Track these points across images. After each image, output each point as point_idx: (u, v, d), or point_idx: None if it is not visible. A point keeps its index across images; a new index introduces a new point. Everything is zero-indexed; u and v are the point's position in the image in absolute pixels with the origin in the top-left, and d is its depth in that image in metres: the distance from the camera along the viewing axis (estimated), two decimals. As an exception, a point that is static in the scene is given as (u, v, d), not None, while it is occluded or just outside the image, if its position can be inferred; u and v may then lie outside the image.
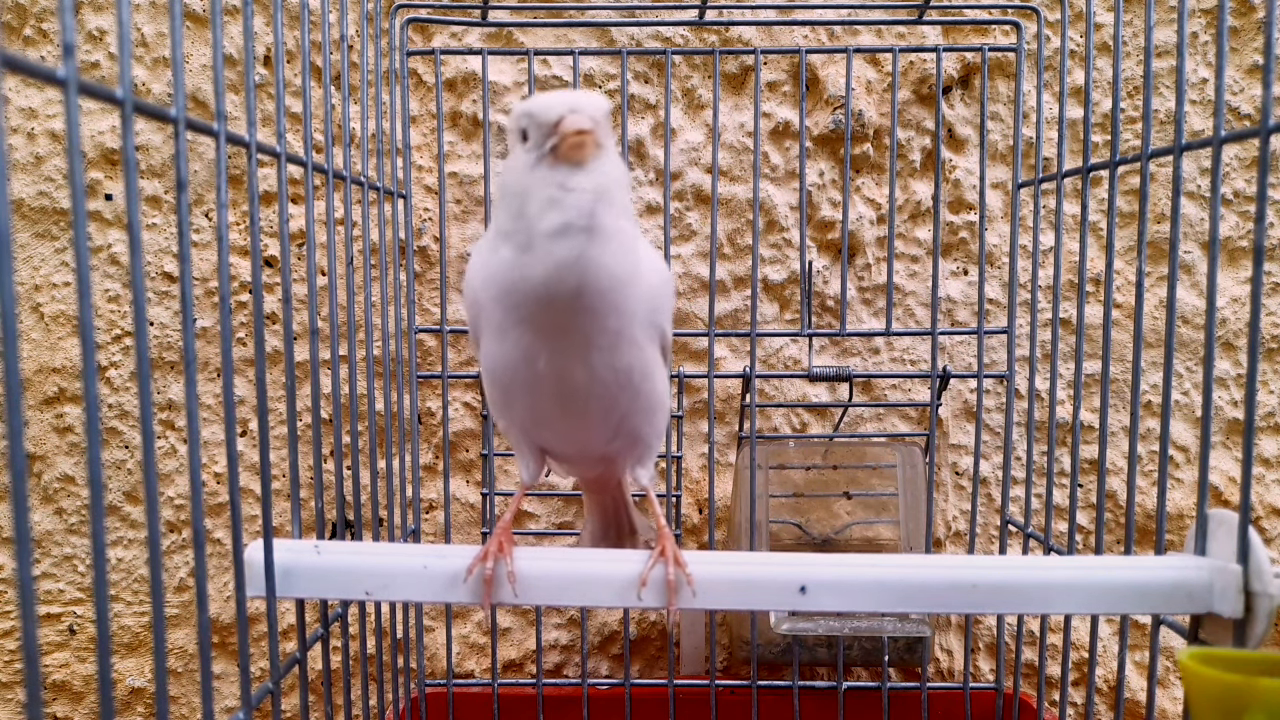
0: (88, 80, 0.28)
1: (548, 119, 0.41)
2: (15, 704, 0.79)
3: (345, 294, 0.55)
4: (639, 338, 0.45)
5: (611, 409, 0.47)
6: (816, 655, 0.72)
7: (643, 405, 0.47)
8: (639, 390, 0.47)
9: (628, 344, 0.45)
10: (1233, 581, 0.43)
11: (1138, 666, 0.80)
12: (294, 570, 0.46)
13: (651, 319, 0.46)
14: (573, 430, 0.49)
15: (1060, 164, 0.61)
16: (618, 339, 0.44)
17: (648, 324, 0.46)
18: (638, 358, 0.46)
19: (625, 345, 0.45)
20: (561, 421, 0.48)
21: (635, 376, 0.46)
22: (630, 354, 0.45)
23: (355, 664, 0.77)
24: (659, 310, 0.46)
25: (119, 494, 0.77)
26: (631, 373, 0.46)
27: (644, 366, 0.46)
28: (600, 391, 0.46)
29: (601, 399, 0.46)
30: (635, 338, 0.45)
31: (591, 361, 0.45)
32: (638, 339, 0.45)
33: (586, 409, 0.46)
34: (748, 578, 0.46)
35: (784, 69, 0.76)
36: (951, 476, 0.80)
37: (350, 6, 0.64)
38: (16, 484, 0.25)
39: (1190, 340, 0.77)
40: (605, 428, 0.48)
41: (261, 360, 0.42)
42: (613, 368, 0.45)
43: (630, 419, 0.48)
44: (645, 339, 0.46)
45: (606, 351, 0.44)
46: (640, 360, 0.46)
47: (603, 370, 0.45)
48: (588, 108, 0.42)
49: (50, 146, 0.73)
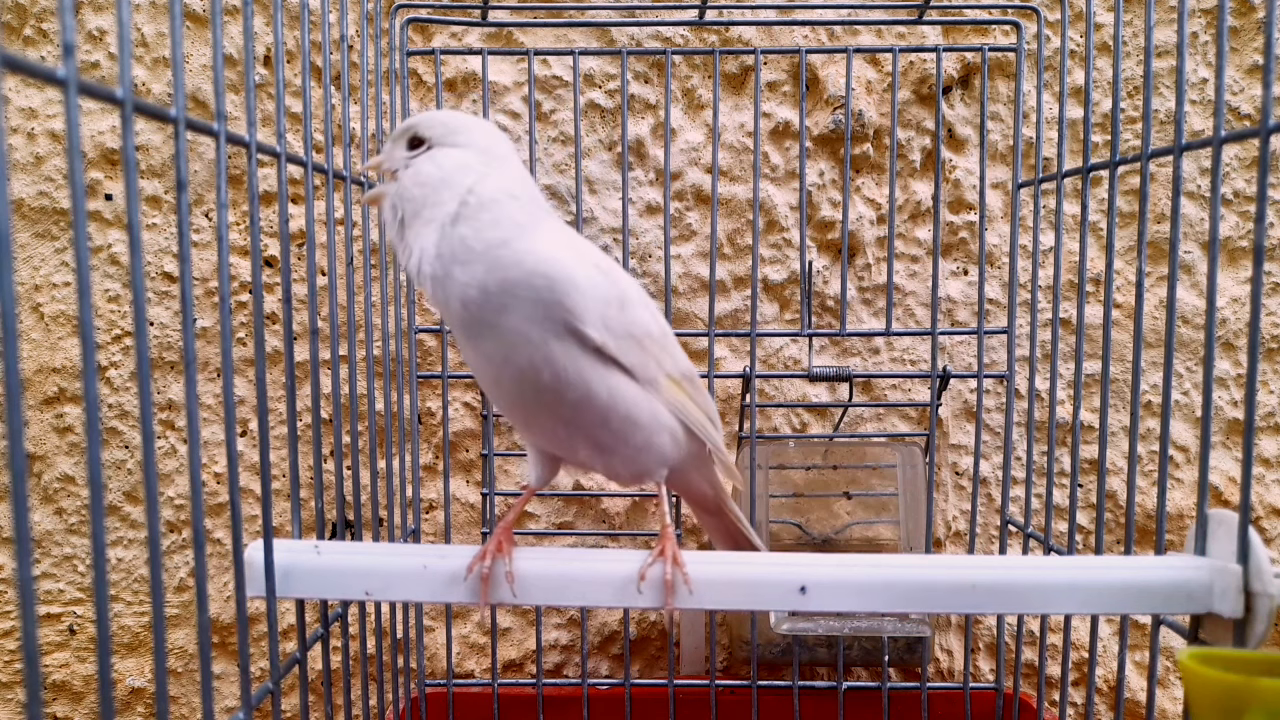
0: (88, 80, 0.28)
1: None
2: (15, 704, 0.79)
3: (345, 294, 0.55)
4: (528, 333, 0.43)
5: (545, 409, 0.45)
6: (816, 655, 0.72)
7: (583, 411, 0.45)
8: (562, 394, 0.44)
9: (520, 342, 0.43)
10: (1233, 581, 0.43)
11: (1138, 666, 0.80)
12: (294, 570, 0.46)
13: (538, 312, 0.43)
14: (535, 428, 0.48)
15: (1060, 164, 0.61)
16: (501, 337, 0.44)
17: (537, 319, 0.43)
18: (538, 355, 0.43)
19: (516, 343, 0.43)
20: (518, 420, 0.48)
21: (544, 376, 0.44)
22: (525, 352, 0.43)
23: (355, 664, 0.77)
24: (538, 302, 0.43)
25: (119, 494, 0.77)
26: (540, 373, 0.44)
27: (554, 365, 0.44)
28: (523, 394, 0.45)
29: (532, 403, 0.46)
30: (524, 333, 0.43)
31: (497, 359, 0.45)
32: (527, 335, 0.43)
33: (521, 404, 0.46)
34: (748, 578, 0.46)
35: (784, 69, 0.76)
36: (951, 476, 0.80)
37: (350, 6, 0.64)
38: (16, 484, 0.25)
39: (1190, 340, 0.77)
40: (557, 428, 0.47)
41: (261, 360, 0.42)
42: (515, 366, 0.44)
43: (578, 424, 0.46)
44: (544, 334, 0.43)
45: (498, 348, 0.44)
46: (542, 357, 0.43)
47: (507, 371, 0.44)
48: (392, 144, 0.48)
49: (50, 146, 0.73)
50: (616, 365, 0.45)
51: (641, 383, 0.46)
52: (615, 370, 0.45)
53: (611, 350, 0.44)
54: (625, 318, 0.45)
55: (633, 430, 0.46)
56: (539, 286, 0.43)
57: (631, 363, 0.45)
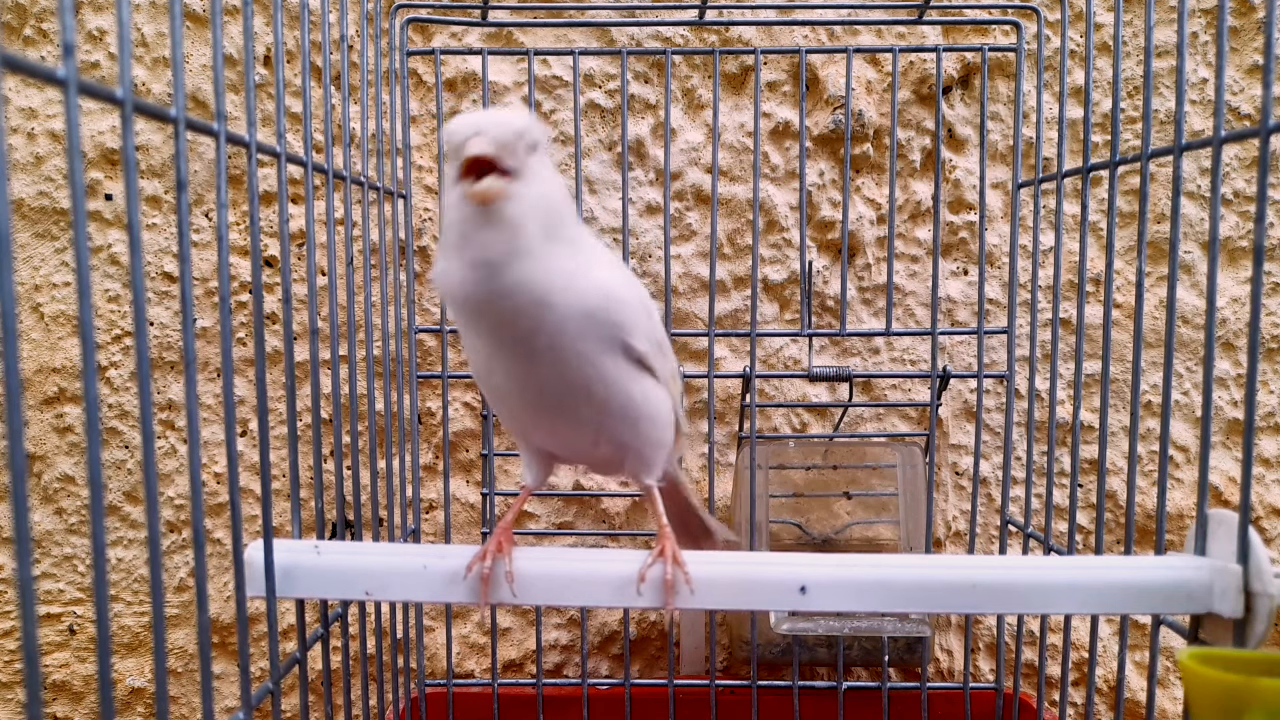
0: (88, 80, 0.28)
1: (456, 141, 0.42)
2: (15, 704, 0.79)
3: (345, 294, 0.55)
4: (587, 352, 0.44)
5: (583, 418, 0.46)
6: (816, 655, 0.72)
7: (616, 416, 0.46)
8: (607, 403, 0.45)
9: (574, 359, 0.44)
10: (1233, 581, 0.43)
11: (1138, 666, 0.80)
12: (294, 570, 0.46)
13: (606, 334, 0.44)
14: (555, 434, 0.48)
15: (1060, 164, 0.61)
16: (561, 354, 0.44)
17: (599, 339, 0.44)
18: (592, 372, 0.44)
19: (570, 361, 0.44)
20: (540, 425, 0.48)
21: (596, 389, 0.45)
22: (579, 369, 0.44)
23: (355, 664, 0.77)
24: (611, 321, 0.44)
25: (119, 494, 0.77)
26: (589, 385, 0.45)
27: (605, 379, 0.45)
28: (559, 402, 0.45)
29: (566, 408, 0.46)
30: (582, 352, 0.44)
31: (541, 375, 0.44)
32: (585, 354, 0.44)
33: (557, 415, 0.46)
34: (748, 578, 0.46)
35: (784, 69, 0.76)
36: (951, 476, 0.80)
37: (350, 6, 0.64)
38: (16, 484, 0.25)
39: (1190, 340, 0.77)
40: (584, 433, 0.47)
41: (261, 360, 0.42)
42: (563, 380, 0.44)
43: (607, 428, 0.47)
44: (598, 352, 0.44)
45: (552, 365, 0.44)
46: (598, 374, 0.44)
47: (553, 383, 0.44)
48: (492, 129, 0.41)
49: (50, 146, 0.73)
50: (649, 371, 0.47)
51: (662, 383, 0.49)
52: (647, 375, 0.47)
53: (650, 360, 0.47)
54: (653, 326, 0.48)
55: (653, 427, 0.49)
56: (607, 311, 0.44)
57: (658, 367, 0.47)
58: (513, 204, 0.41)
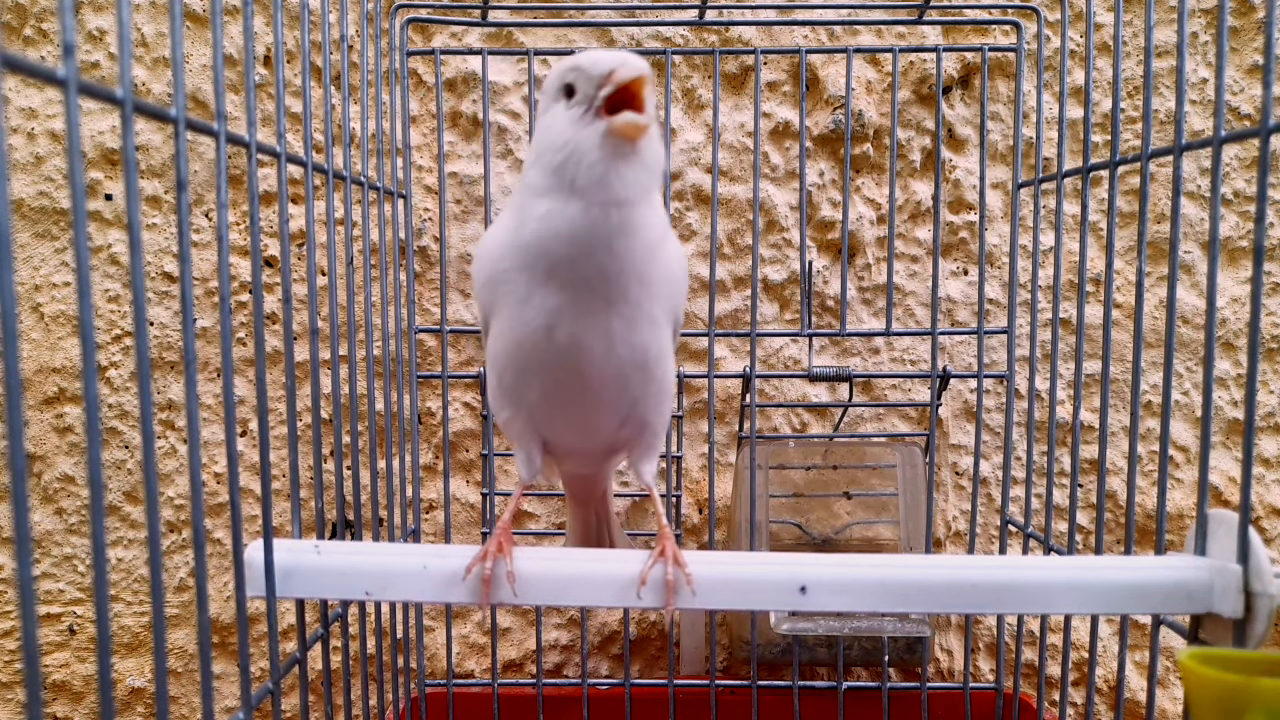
0: (88, 80, 0.28)
1: (598, 71, 0.41)
2: (15, 704, 0.79)
3: (345, 294, 0.55)
4: (657, 314, 0.46)
5: (624, 389, 0.47)
6: (816, 655, 0.72)
7: (654, 389, 0.48)
8: (652, 372, 0.47)
9: (646, 319, 0.45)
10: (1233, 581, 0.43)
11: (1138, 666, 0.80)
12: (294, 570, 0.45)
13: (670, 296, 0.46)
14: (584, 413, 0.48)
15: (1060, 164, 0.61)
16: (638, 311, 0.45)
17: (666, 301, 0.46)
18: (654, 336, 0.46)
19: (644, 320, 0.45)
20: (574, 404, 0.47)
21: (650, 355, 0.46)
22: (647, 331, 0.45)
23: (355, 664, 0.77)
24: (675, 291, 0.47)
25: (119, 494, 0.77)
26: (648, 350, 0.46)
27: (659, 346, 0.46)
28: (615, 368, 0.46)
29: (616, 376, 0.46)
30: (653, 314, 0.45)
31: (611, 331, 0.44)
32: (655, 315, 0.46)
33: (601, 388, 0.46)
34: (748, 578, 0.46)
35: (784, 69, 0.76)
36: (951, 476, 0.80)
37: (350, 6, 0.64)
38: (16, 484, 0.25)
39: (1190, 340, 0.77)
40: (617, 411, 0.48)
41: (261, 360, 0.42)
42: (629, 342, 0.45)
43: (641, 403, 0.48)
44: (662, 318, 0.46)
45: (626, 322, 0.45)
46: (656, 340, 0.46)
47: (620, 344, 0.45)
48: (637, 62, 0.42)
49: (50, 146, 0.73)
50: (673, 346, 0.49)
51: None
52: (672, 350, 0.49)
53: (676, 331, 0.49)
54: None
55: (669, 410, 0.51)
56: (677, 274, 0.47)
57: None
58: (650, 145, 0.42)
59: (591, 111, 0.42)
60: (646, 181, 0.43)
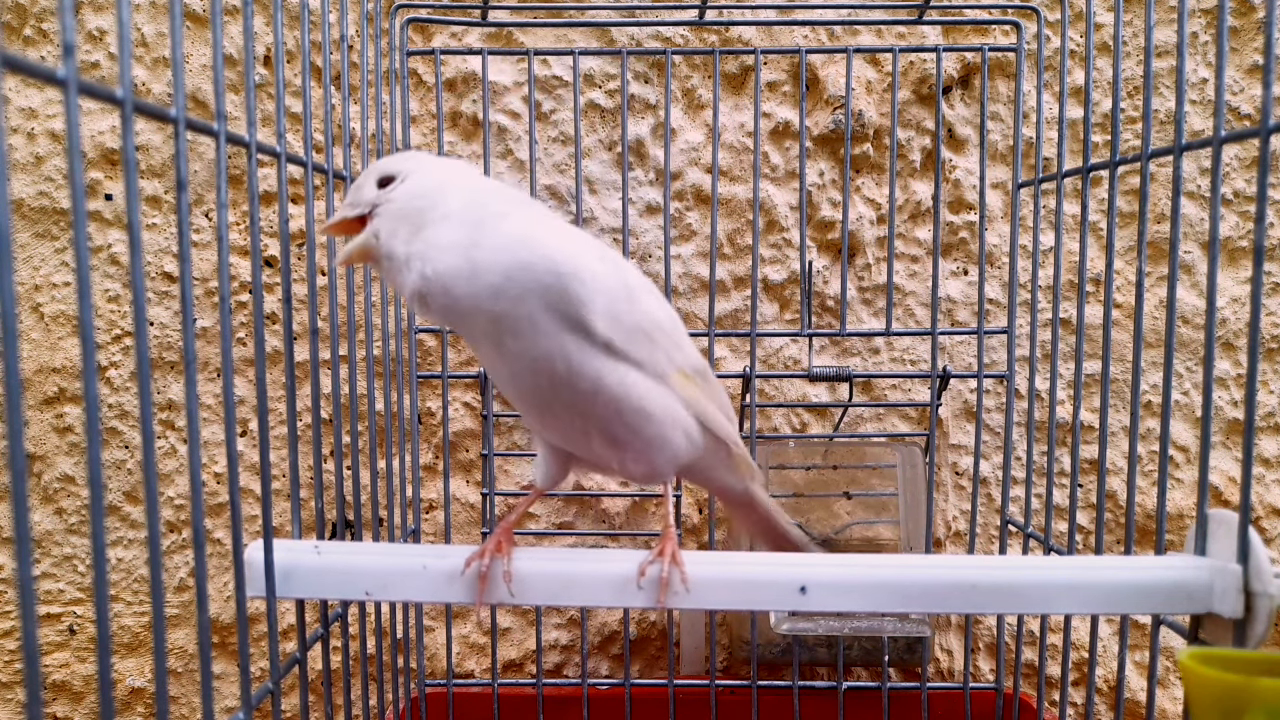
0: (88, 80, 0.28)
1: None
2: (15, 704, 0.79)
3: (345, 294, 0.55)
4: (539, 325, 0.43)
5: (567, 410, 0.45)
6: (816, 655, 0.72)
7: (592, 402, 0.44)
8: (576, 386, 0.44)
9: (530, 334, 0.43)
10: (1233, 581, 0.43)
11: (1138, 666, 0.80)
12: (294, 570, 0.46)
13: (553, 306, 0.43)
14: (561, 428, 0.48)
15: (1060, 164, 0.61)
16: (516, 334, 0.43)
17: (542, 311, 0.43)
18: (553, 346, 0.43)
19: (526, 337, 0.43)
20: (550, 427, 0.48)
21: (559, 369, 0.43)
22: (539, 344, 0.43)
23: (355, 664, 0.77)
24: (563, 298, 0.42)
25: (119, 494, 0.77)
26: (553, 364, 0.43)
27: (566, 357, 0.43)
28: (541, 392, 0.45)
29: (548, 400, 0.45)
30: (538, 326, 0.43)
31: (510, 359, 0.44)
32: (540, 327, 0.43)
33: (551, 403, 0.45)
34: (748, 578, 0.46)
35: (784, 69, 0.76)
36: (951, 476, 0.80)
37: (350, 6, 0.64)
38: (16, 484, 0.25)
39: (1190, 340, 0.77)
40: (577, 428, 0.46)
41: (261, 360, 0.42)
42: (530, 368, 0.44)
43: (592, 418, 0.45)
44: (552, 328, 0.43)
45: (512, 345, 0.44)
46: (557, 349, 0.43)
47: (521, 368, 0.44)
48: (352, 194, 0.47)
49: (50, 146, 0.73)
50: (626, 359, 0.44)
51: (653, 378, 0.46)
52: (625, 363, 0.45)
53: (619, 345, 0.44)
54: (635, 310, 0.45)
55: (645, 423, 0.46)
56: (549, 281, 0.42)
57: (641, 357, 0.45)
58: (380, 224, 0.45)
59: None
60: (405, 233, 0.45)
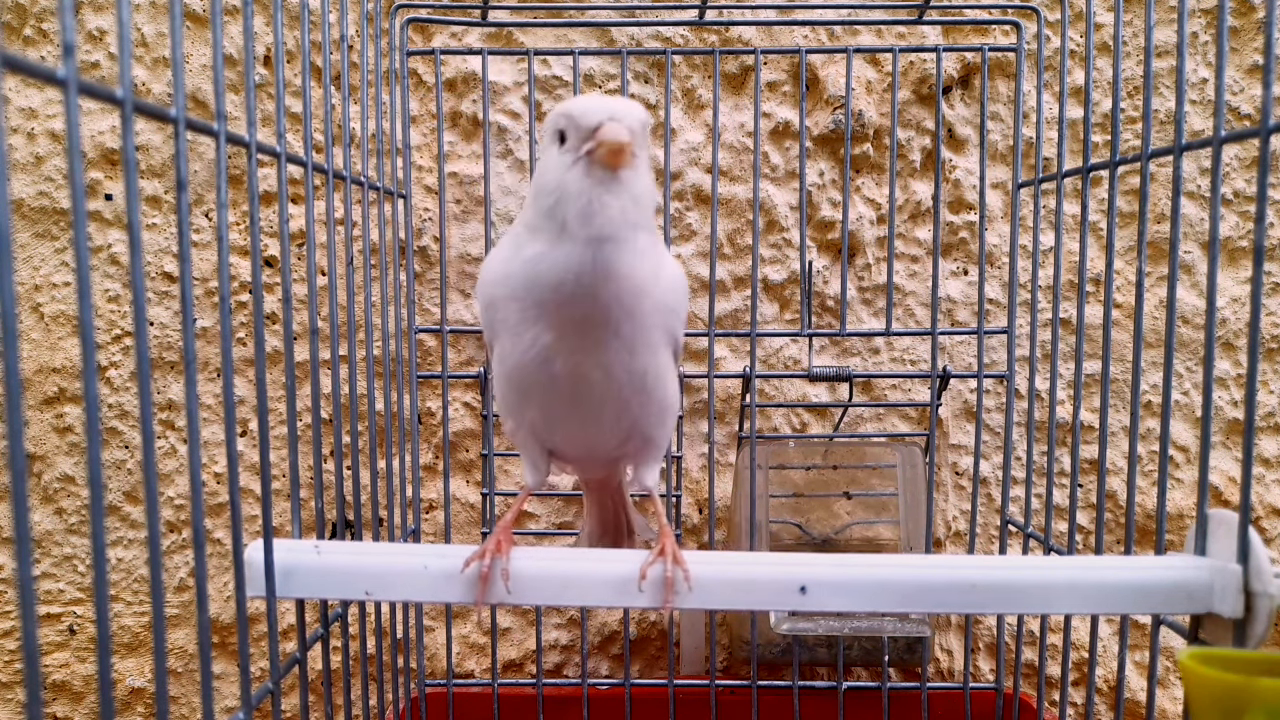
0: (88, 80, 0.28)
1: (586, 124, 0.42)
2: (15, 704, 0.79)
3: (345, 294, 0.55)
4: (654, 342, 0.46)
5: (624, 412, 0.47)
6: (816, 655, 0.72)
7: (655, 409, 0.48)
8: (652, 394, 0.47)
9: (643, 348, 0.46)
10: (1233, 581, 0.43)
11: (1138, 666, 0.80)
12: (294, 570, 0.45)
13: (666, 325, 0.46)
14: (586, 433, 0.49)
15: (1060, 164, 0.61)
16: (633, 343, 0.45)
17: (663, 329, 0.46)
18: (651, 361, 0.46)
19: (641, 349, 0.45)
20: (575, 424, 0.48)
21: (649, 380, 0.46)
22: (644, 358, 0.46)
23: (355, 664, 0.77)
24: (674, 316, 0.47)
25: (119, 494, 0.77)
26: (645, 376, 0.46)
27: (657, 370, 0.47)
28: (615, 394, 0.46)
29: (615, 401, 0.47)
30: (650, 342, 0.46)
31: (607, 363, 0.45)
32: (652, 343, 0.46)
33: (601, 411, 0.47)
34: (748, 578, 0.46)
35: (784, 69, 0.76)
36: (951, 476, 0.80)
37: (350, 6, 0.64)
38: (16, 484, 0.25)
39: (1190, 340, 0.77)
40: (618, 431, 0.48)
41: (261, 360, 0.42)
42: (628, 370, 0.46)
43: (642, 422, 0.48)
44: (660, 343, 0.46)
45: (622, 354, 0.45)
46: (654, 364, 0.46)
47: (618, 372, 0.45)
48: (626, 117, 0.42)
49: (50, 146, 0.73)
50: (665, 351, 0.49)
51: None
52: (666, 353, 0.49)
53: (677, 348, 0.49)
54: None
55: (672, 425, 0.51)
56: (674, 303, 0.47)
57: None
58: (638, 177, 0.43)
59: (579, 163, 0.42)
60: (635, 216, 0.42)
